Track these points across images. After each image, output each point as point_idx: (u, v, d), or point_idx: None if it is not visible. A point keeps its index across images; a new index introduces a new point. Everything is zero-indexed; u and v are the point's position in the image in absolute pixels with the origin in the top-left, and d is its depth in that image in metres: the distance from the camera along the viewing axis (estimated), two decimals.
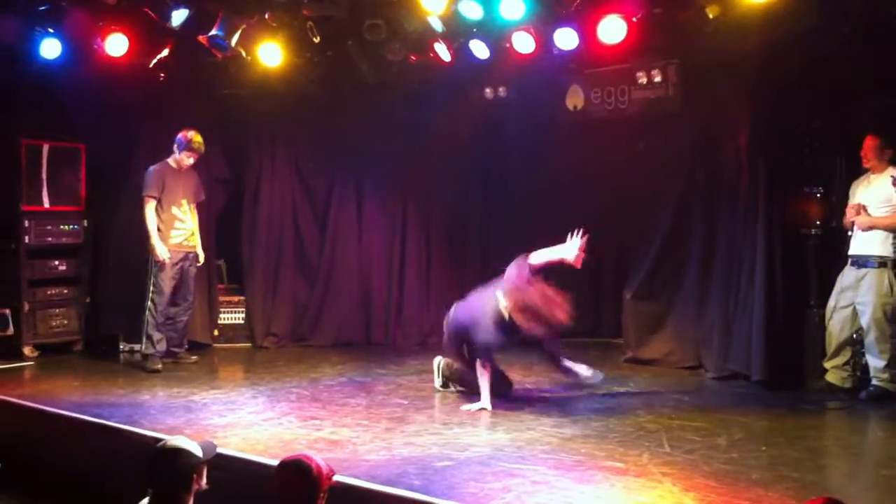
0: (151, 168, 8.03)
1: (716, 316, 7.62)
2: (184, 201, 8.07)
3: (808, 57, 6.77)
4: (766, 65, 7.12)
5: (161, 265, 7.88)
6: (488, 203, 9.64)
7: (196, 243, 8.18)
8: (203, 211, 8.43)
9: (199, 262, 8.25)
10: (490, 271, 9.13)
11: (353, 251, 9.53)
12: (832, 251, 7.16)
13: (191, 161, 8.06)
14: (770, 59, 7.04)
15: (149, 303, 7.94)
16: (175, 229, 8.02)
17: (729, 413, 6.34)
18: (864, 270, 6.74)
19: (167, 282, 7.95)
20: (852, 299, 6.76)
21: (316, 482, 3.75)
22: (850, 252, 6.85)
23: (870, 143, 6.79)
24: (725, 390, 7.19)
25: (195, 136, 7.96)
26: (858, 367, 6.87)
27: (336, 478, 4.03)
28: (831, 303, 6.90)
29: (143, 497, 3.88)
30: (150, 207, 7.90)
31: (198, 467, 3.82)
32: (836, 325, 6.85)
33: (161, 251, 7.85)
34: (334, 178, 9.58)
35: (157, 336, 7.95)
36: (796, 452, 5.41)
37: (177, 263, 8.00)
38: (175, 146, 8.01)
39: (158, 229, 7.90)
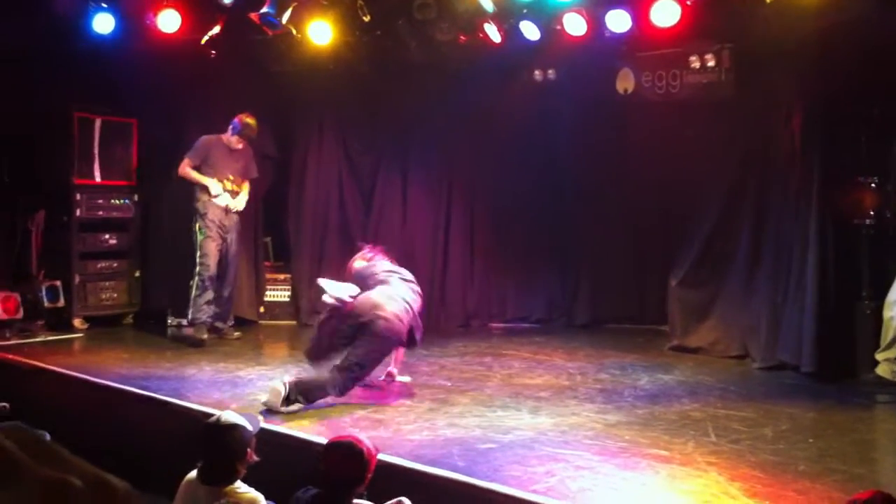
0: (203, 137, 8.18)
1: (764, 305, 7.51)
2: (231, 176, 8.14)
3: (864, 44, 6.61)
4: (821, 51, 6.96)
5: (209, 224, 7.98)
6: (534, 185, 9.58)
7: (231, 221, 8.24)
8: (251, 188, 8.48)
9: (236, 209, 8.25)
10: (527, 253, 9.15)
11: (397, 231, 9.55)
12: (886, 242, 7.04)
13: (240, 146, 8.20)
14: (826, 46, 6.89)
15: (197, 268, 8.04)
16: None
17: (776, 404, 6.25)
18: None
19: (213, 249, 8.03)
20: None
21: (366, 464, 3.80)
22: None
23: None
24: (772, 381, 7.09)
25: (250, 122, 8.09)
26: None
27: (380, 456, 4.06)
28: (891, 294, 6.76)
29: (192, 469, 3.94)
30: (182, 167, 8.08)
31: (251, 441, 3.89)
32: (895, 317, 6.72)
33: (214, 187, 7.99)
34: (380, 158, 9.60)
35: (204, 300, 8.04)
36: (844, 445, 5.33)
37: (219, 231, 8.07)
38: (230, 127, 8.13)
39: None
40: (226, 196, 8.11)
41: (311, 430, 5.34)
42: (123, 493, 2.44)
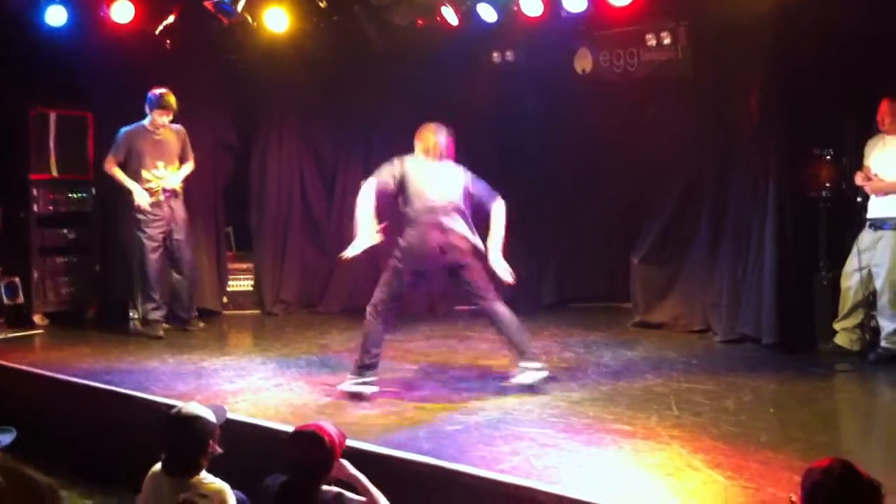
0: (123, 129, 7.93)
1: (725, 279, 7.61)
2: (159, 164, 7.90)
3: (821, 20, 6.69)
4: (778, 27, 7.03)
5: (143, 218, 7.82)
6: (496, 168, 9.55)
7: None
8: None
9: (173, 192, 7.99)
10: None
11: None
12: (842, 214, 7.15)
13: (165, 119, 7.85)
14: (783, 22, 6.95)
15: (135, 272, 7.99)
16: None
17: (737, 376, 6.34)
18: (880, 233, 6.71)
19: (150, 246, 7.87)
20: (868, 261, 6.73)
21: (329, 451, 3.81)
22: (869, 215, 6.81)
23: (887, 107, 6.71)
24: (734, 353, 7.19)
25: (165, 93, 7.77)
26: (868, 331, 6.86)
27: (347, 442, 4.07)
28: (848, 265, 6.86)
29: (156, 462, 3.93)
30: (107, 165, 7.87)
31: (213, 432, 3.86)
32: (852, 287, 6.83)
33: (139, 195, 7.75)
34: (342, 144, 9.56)
35: (150, 304, 7.96)
36: (805, 415, 5.42)
37: (158, 227, 7.92)
38: (146, 106, 7.82)
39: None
40: (151, 192, 7.85)
41: (276, 418, 5.33)
42: (48, 491, 2.42)
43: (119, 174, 7.86)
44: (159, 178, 7.90)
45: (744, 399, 5.74)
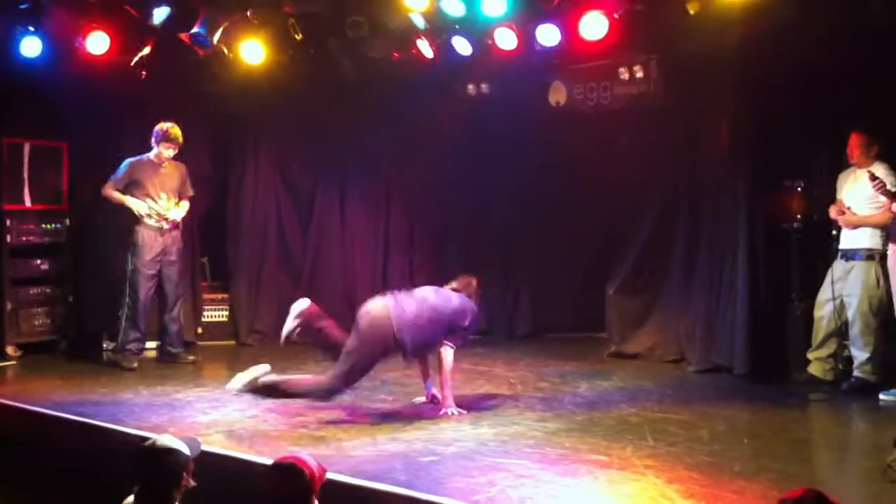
0: (127, 160, 8.03)
1: (699, 310, 7.67)
2: (162, 195, 8.02)
3: (788, 50, 6.80)
4: (746, 59, 7.15)
5: (138, 245, 7.89)
6: (472, 199, 9.65)
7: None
8: (190, 207, 8.39)
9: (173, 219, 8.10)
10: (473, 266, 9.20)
11: (336, 249, 9.55)
12: (814, 245, 7.22)
13: (170, 153, 7.99)
14: (751, 54, 7.08)
15: (126, 301, 7.95)
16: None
17: (712, 406, 6.38)
18: (852, 263, 6.78)
19: (142, 283, 7.92)
20: (840, 291, 6.80)
21: (309, 485, 3.77)
22: (840, 246, 6.87)
23: (856, 140, 6.76)
24: (708, 383, 7.23)
25: (171, 127, 7.92)
26: (841, 360, 6.92)
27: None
28: (821, 295, 6.93)
29: (128, 495, 3.89)
30: (105, 189, 7.97)
31: (186, 465, 3.83)
32: (825, 317, 6.89)
33: (139, 206, 7.85)
34: (318, 176, 9.59)
35: (133, 335, 7.94)
36: (779, 444, 5.45)
37: (152, 261, 7.98)
38: (153, 139, 7.97)
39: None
40: (154, 215, 7.96)
41: (251, 450, 5.30)
42: None
43: (116, 194, 7.94)
44: (161, 209, 7.97)
45: (718, 429, 5.77)
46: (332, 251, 9.53)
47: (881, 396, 6.48)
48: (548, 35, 7.37)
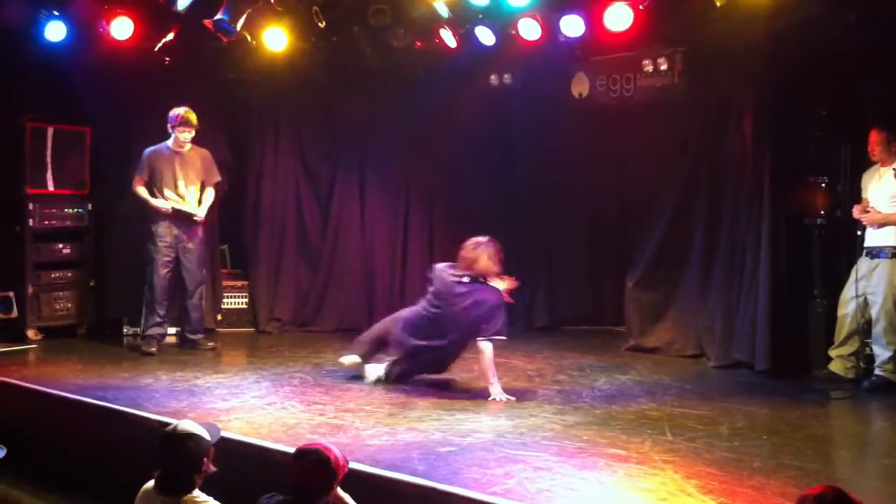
0: (145, 150, 8.03)
1: (719, 305, 7.62)
2: (181, 183, 8.00)
3: (813, 45, 6.74)
4: (771, 54, 7.09)
5: (158, 232, 7.91)
6: (491, 189, 9.62)
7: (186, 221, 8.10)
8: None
9: (196, 219, 8.10)
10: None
11: (356, 237, 9.54)
12: (837, 241, 7.16)
13: (187, 136, 7.94)
14: (776, 48, 7.02)
15: (145, 286, 7.99)
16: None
17: (731, 402, 6.34)
18: (876, 261, 6.72)
19: (160, 272, 7.95)
20: (865, 289, 6.74)
21: (334, 472, 3.79)
22: (865, 244, 6.81)
23: (876, 137, 6.72)
24: (728, 379, 7.19)
25: (186, 111, 7.88)
26: (862, 358, 6.86)
27: None
28: (845, 292, 6.87)
29: (148, 479, 3.91)
30: (134, 185, 7.98)
31: (208, 451, 3.86)
32: (848, 314, 6.84)
33: (163, 204, 7.87)
34: (337, 164, 9.59)
35: (152, 320, 7.98)
36: (799, 441, 5.41)
37: (170, 245, 7.99)
38: (169, 125, 7.93)
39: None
40: (178, 203, 7.98)
41: (270, 437, 5.31)
42: None
43: (143, 193, 7.95)
44: (180, 196, 7.98)
45: (737, 425, 5.74)
46: (352, 239, 9.52)
47: None
48: (572, 26, 7.35)
